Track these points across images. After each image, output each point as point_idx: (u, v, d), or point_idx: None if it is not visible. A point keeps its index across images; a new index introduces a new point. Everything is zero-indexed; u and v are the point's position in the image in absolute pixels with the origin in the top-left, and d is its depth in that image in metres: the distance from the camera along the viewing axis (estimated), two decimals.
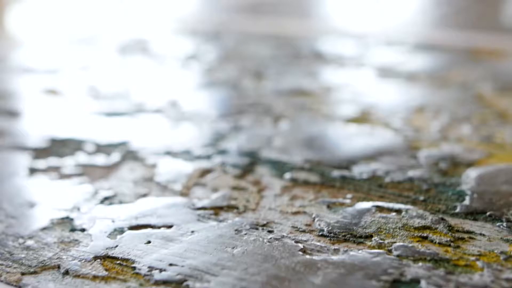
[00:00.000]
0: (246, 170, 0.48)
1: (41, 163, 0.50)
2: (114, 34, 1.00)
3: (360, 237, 0.38)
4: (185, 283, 0.34)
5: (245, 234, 0.39)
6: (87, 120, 0.60)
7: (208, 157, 0.51)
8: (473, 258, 0.35)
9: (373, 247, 0.37)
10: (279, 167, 0.48)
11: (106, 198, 0.44)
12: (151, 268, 0.35)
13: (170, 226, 0.40)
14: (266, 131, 0.56)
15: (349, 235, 0.38)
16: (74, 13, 1.22)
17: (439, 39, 0.97)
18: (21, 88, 0.72)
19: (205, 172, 0.48)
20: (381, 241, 0.38)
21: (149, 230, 0.40)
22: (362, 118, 0.60)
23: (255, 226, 0.40)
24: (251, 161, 0.49)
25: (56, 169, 0.49)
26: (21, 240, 0.39)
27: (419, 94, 0.67)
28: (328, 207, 0.42)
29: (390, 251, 0.36)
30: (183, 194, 0.44)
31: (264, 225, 0.40)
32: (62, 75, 0.77)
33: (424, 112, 0.61)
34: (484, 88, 0.69)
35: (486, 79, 0.73)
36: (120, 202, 0.43)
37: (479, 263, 0.35)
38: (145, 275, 0.35)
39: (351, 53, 0.88)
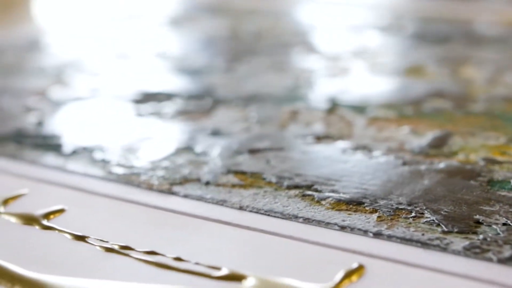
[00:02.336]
0: (329, 110, 0.54)
1: (143, 109, 0.56)
2: (156, 11, 1.06)
3: (449, 153, 0.45)
4: (313, 187, 0.40)
5: (350, 153, 0.45)
6: (167, 76, 0.66)
7: (292, 101, 0.57)
8: None
9: (462, 160, 0.43)
10: (358, 108, 0.55)
11: (214, 132, 0.50)
12: (279, 178, 0.42)
13: (281, 149, 0.46)
14: (333, 82, 0.63)
15: (438, 153, 0.45)
16: None
17: (447, 11, 1.03)
18: (92, 55, 0.77)
19: (293, 112, 0.54)
20: (467, 155, 0.44)
21: (264, 153, 0.46)
22: (413, 71, 0.66)
23: (355, 148, 0.46)
24: (331, 104, 0.56)
25: (158, 113, 0.55)
26: (157, 163, 0.45)
27: (459, 52, 0.74)
28: (412, 133, 0.48)
29: (477, 162, 0.43)
30: (281, 127, 0.51)
31: (363, 147, 0.46)
32: (125, 43, 0.83)
33: (468, 65, 0.68)
34: None
35: None
36: (228, 134, 0.50)
37: None
38: (276, 182, 0.41)
39: (379, 23, 0.94)
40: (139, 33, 0.90)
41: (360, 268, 0.32)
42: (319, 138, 0.48)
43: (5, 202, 0.40)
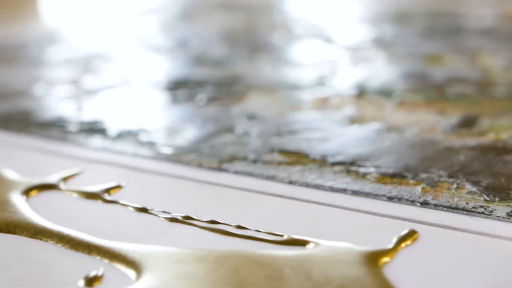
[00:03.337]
0: (358, 95, 0.57)
1: (177, 95, 0.58)
2: (170, 6, 1.08)
3: (479, 133, 0.47)
4: (356, 163, 0.42)
5: (385, 134, 0.47)
6: (191, 66, 0.69)
7: (320, 87, 0.59)
8: None
9: (494, 139, 0.46)
10: (386, 93, 0.57)
11: (250, 116, 0.52)
12: (322, 156, 0.44)
13: (319, 130, 0.48)
14: (357, 70, 0.65)
15: (469, 132, 0.47)
16: None
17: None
18: (114, 47, 0.79)
19: (323, 99, 0.56)
20: (497, 135, 0.47)
21: (303, 134, 0.48)
22: (431, 60, 0.69)
23: (389, 129, 0.48)
24: (358, 90, 0.58)
25: (192, 99, 0.57)
26: (202, 143, 0.47)
27: (470, 42, 0.77)
28: (441, 115, 0.51)
29: (508, 140, 0.45)
30: (314, 111, 0.53)
31: (395, 128, 0.48)
32: (149, 35, 0.85)
33: (483, 54, 0.70)
34: None
35: None
36: (264, 117, 0.52)
37: None
38: (320, 159, 0.43)
39: (388, 15, 0.97)
40: (155, 27, 0.93)
41: (413, 233, 0.34)
42: (352, 120, 0.50)
43: (64, 180, 0.42)
